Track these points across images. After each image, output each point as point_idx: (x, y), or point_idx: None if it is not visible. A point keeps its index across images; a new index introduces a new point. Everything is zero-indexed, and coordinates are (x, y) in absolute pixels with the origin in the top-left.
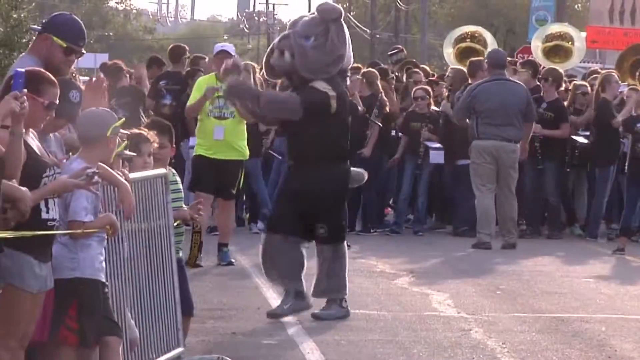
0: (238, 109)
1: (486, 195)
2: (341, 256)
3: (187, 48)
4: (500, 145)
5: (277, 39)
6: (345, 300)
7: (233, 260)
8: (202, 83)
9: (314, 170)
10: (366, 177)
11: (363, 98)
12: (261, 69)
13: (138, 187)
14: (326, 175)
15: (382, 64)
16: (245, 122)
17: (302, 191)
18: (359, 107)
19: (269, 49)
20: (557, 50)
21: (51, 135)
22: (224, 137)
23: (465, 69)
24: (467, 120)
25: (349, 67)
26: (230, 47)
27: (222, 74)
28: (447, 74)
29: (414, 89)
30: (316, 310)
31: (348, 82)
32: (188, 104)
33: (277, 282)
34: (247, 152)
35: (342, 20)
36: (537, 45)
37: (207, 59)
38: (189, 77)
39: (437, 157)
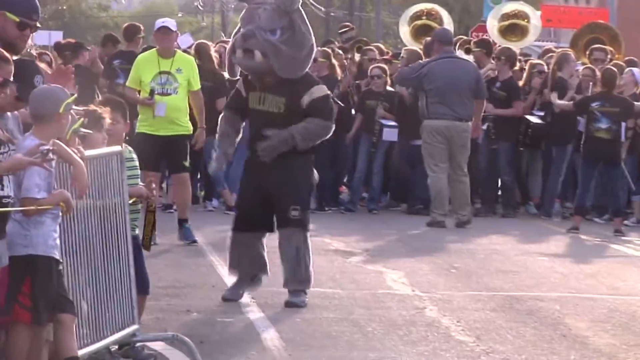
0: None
1: (439, 175)
2: (308, 244)
3: (141, 27)
4: (451, 125)
5: (239, 38)
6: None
7: (196, 239)
8: (142, 60)
9: (287, 160)
10: (317, 180)
11: (322, 78)
12: (217, 50)
13: (93, 165)
14: (297, 163)
15: (336, 43)
16: (187, 98)
17: (271, 180)
18: None
19: (228, 48)
20: (513, 28)
21: (8, 113)
22: (165, 113)
23: (419, 49)
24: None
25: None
26: (171, 23)
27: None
28: (401, 54)
29: (370, 67)
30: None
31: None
32: (128, 83)
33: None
34: (191, 127)
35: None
36: (493, 25)
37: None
38: (135, 53)
39: (390, 134)
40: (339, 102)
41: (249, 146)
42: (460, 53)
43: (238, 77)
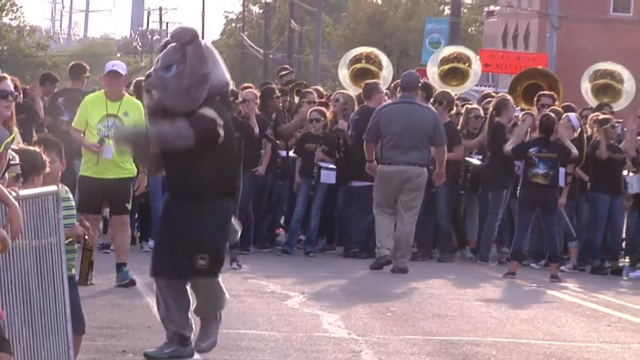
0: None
1: (385, 217)
2: (219, 295)
3: (87, 67)
4: (405, 170)
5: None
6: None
7: (134, 279)
8: (90, 102)
9: (198, 204)
10: (239, 233)
11: (256, 117)
12: None
13: (29, 204)
14: (211, 209)
15: (275, 85)
16: None
17: (184, 227)
18: (255, 131)
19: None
20: (454, 72)
21: None
22: (112, 156)
23: (354, 95)
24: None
25: (227, 89)
26: (121, 67)
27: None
28: (333, 95)
29: (309, 111)
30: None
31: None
32: (74, 124)
33: (170, 328)
34: (135, 170)
35: (199, 39)
36: (433, 70)
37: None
38: (80, 94)
39: (328, 176)
40: (273, 140)
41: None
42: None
43: None
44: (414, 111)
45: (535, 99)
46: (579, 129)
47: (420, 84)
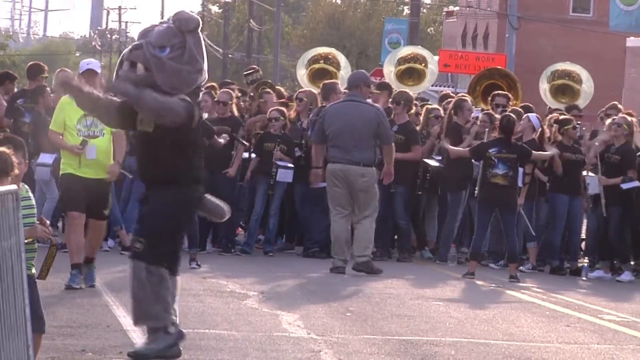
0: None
1: (339, 221)
2: (159, 280)
3: (45, 67)
4: (347, 169)
5: (127, 50)
6: (173, 325)
7: (95, 284)
8: (66, 103)
9: (154, 190)
10: (227, 214)
11: (226, 119)
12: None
13: None
14: (162, 195)
15: (234, 84)
16: (111, 140)
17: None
18: (213, 129)
19: (118, 61)
20: (410, 72)
21: None
22: (96, 156)
23: (316, 91)
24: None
25: (203, 84)
26: (95, 65)
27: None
28: (296, 95)
29: (269, 110)
30: (137, 345)
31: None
32: (52, 127)
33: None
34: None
35: (199, 31)
36: (390, 70)
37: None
38: (38, 94)
39: (285, 175)
40: (244, 142)
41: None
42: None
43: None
44: (355, 109)
45: (489, 98)
46: (540, 129)
47: (363, 82)
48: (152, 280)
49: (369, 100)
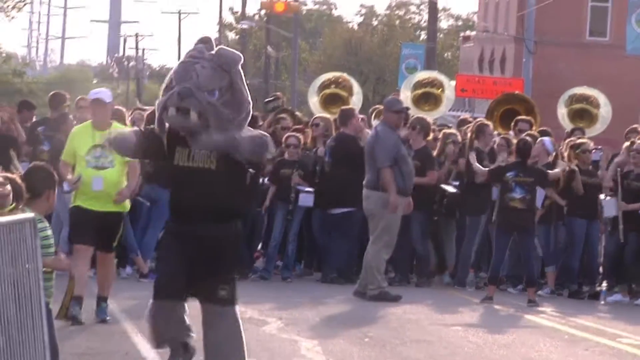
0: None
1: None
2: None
3: (67, 96)
4: (363, 192)
5: (174, 96)
6: None
7: (108, 317)
8: (77, 133)
9: (220, 228)
10: None
11: None
12: (132, 117)
13: (5, 232)
14: (231, 234)
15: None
16: (124, 171)
17: (198, 253)
18: None
19: (161, 106)
20: (427, 97)
21: None
22: (103, 187)
23: (331, 118)
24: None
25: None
26: (105, 94)
27: None
28: (312, 121)
29: (284, 136)
30: None
31: None
32: (63, 157)
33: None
34: (128, 205)
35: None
36: (406, 95)
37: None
38: (60, 122)
39: (306, 199)
40: (251, 169)
41: (173, 209)
42: (375, 122)
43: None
44: (372, 134)
45: (512, 124)
46: (554, 153)
47: (385, 106)
48: (239, 323)
49: (378, 123)
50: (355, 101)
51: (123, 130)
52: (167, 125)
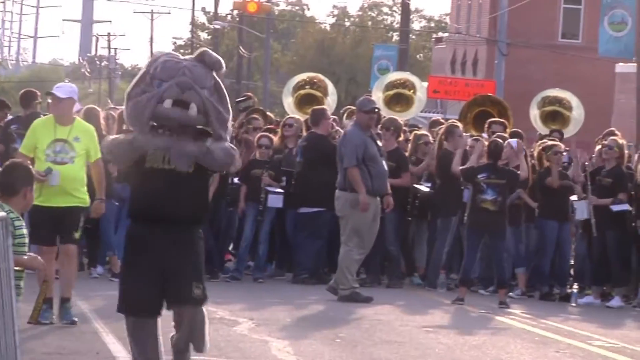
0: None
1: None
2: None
3: (38, 93)
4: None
5: (172, 87)
6: None
7: (75, 319)
8: (38, 126)
9: (186, 232)
10: None
11: None
12: (105, 116)
13: None
14: (197, 236)
15: None
16: (85, 168)
17: (170, 256)
18: None
19: (154, 98)
20: (399, 98)
21: None
22: (59, 182)
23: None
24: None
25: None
26: (62, 90)
27: None
28: (284, 121)
29: (256, 136)
30: None
31: None
32: (21, 149)
33: None
34: (88, 199)
35: None
36: (378, 96)
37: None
38: (32, 119)
39: (275, 200)
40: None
41: (138, 214)
42: (348, 123)
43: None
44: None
45: (486, 125)
46: (521, 154)
47: (357, 107)
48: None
49: (350, 124)
50: (330, 102)
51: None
52: (151, 122)
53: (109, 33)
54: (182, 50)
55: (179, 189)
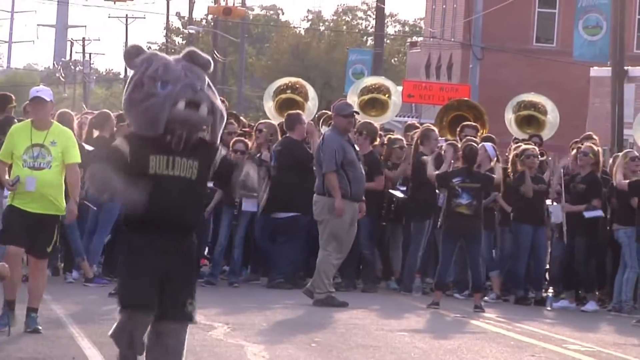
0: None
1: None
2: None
3: (13, 97)
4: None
5: (184, 89)
6: None
7: (40, 328)
8: (15, 132)
9: (186, 240)
10: None
11: None
12: (80, 121)
13: None
14: (194, 246)
15: None
16: (63, 174)
17: (171, 267)
18: None
19: (170, 100)
20: (374, 103)
21: None
22: (36, 188)
23: (277, 124)
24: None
25: None
26: (45, 92)
27: None
28: (256, 126)
29: (231, 141)
30: None
31: None
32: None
33: None
34: (64, 207)
35: None
36: (353, 100)
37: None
38: (6, 124)
39: (249, 205)
40: None
41: (142, 219)
42: (324, 128)
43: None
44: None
45: (458, 129)
46: (495, 158)
47: (335, 111)
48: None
49: (328, 128)
50: (311, 107)
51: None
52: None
53: (83, 38)
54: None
55: (185, 196)
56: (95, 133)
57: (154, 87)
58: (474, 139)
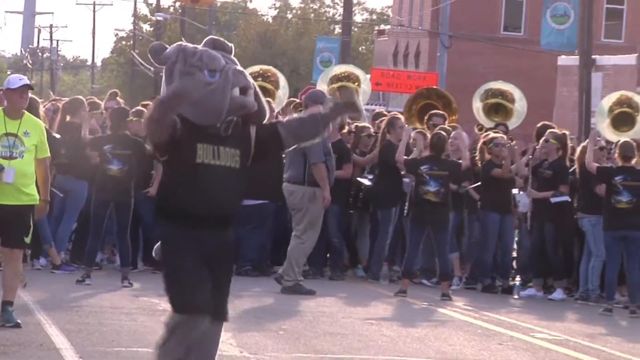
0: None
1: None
2: None
3: None
4: (284, 187)
5: (240, 75)
6: None
7: (19, 321)
8: None
9: (230, 233)
10: None
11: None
12: (47, 107)
13: None
14: (232, 238)
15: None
16: (33, 164)
17: (218, 263)
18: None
19: (229, 86)
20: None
21: None
22: (14, 179)
23: None
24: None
25: None
26: (23, 79)
27: None
28: None
29: None
30: None
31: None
32: None
33: None
34: (37, 197)
35: None
36: (322, 88)
37: None
38: None
39: None
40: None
41: (186, 211)
42: (294, 115)
43: None
44: None
45: (426, 118)
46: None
47: (310, 100)
48: None
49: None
50: (281, 95)
51: None
52: None
53: (51, 25)
54: (124, 42)
55: (231, 186)
56: (68, 118)
57: (203, 75)
58: (446, 127)
